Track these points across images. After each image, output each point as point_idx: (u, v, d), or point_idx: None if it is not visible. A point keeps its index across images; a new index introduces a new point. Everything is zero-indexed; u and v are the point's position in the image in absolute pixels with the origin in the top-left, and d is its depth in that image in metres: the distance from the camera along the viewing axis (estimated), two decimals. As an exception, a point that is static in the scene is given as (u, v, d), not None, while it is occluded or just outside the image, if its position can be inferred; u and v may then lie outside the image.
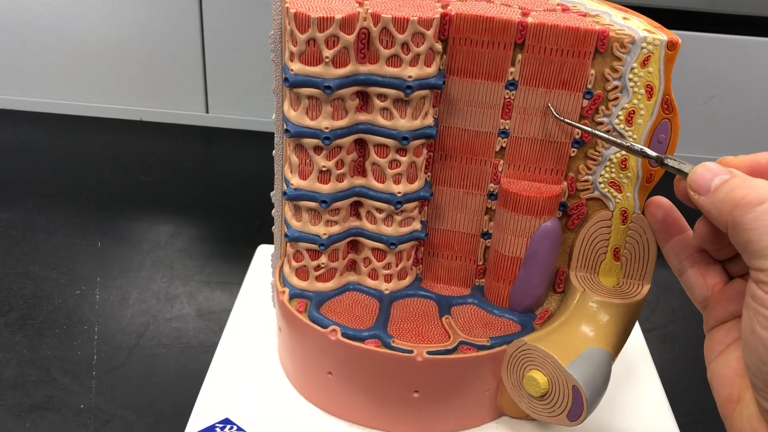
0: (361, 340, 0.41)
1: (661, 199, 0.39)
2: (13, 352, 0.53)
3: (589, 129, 0.38)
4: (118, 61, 0.90)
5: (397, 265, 0.44)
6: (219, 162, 0.87)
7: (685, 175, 0.33)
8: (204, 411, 0.44)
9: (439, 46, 0.38)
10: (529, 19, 0.38)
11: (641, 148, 0.36)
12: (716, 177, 0.31)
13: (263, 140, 0.89)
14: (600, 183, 0.41)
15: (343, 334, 0.41)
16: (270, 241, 0.56)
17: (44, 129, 0.90)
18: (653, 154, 0.36)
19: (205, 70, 0.90)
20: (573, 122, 0.39)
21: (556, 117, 0.39)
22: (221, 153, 0.88)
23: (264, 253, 0.59)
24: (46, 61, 0.90)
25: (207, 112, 0.92)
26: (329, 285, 0.44)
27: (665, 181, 0.41)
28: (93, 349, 0.54)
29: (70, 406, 0.49)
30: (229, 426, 0.43)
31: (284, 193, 0.42)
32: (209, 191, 0.79)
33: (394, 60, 0.38)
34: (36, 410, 0.49)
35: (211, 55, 0.89)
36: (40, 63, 0.90)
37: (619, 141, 0.37)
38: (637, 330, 0.53)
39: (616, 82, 0.39)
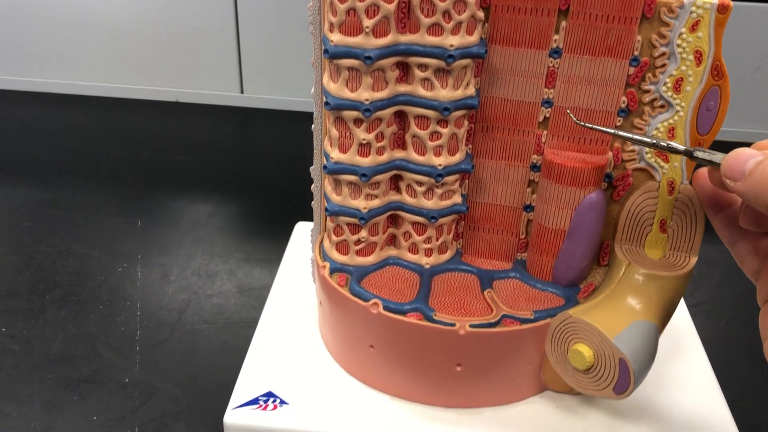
0: (403, 313, 0.41)
1: None
2: (59, 327, 0.54)
3: (612, 131, 0.37)
4: (153, 43, 0.91)
5: (437, 239, 0.44)
6: (254, 141, 0.87)
7: (717, 165, 0.33)
8: (247, 384, 0.44)
9: (481, 14, 0.37)
10: (574, -15, 0.37)
11: (668, 143, 0.36)
12: (750, 160, 0.30)
13: (297, 119, 0.89)
14: (646, 153, 0.40)
15: (385, 308, 0.41)
16: (307, 219, 0.56)
17: (83, 111, 0.91)
18: (681, 148, 0.35)
19: (239, 50, 0.90)
20: (594, 126, 0.38)
21: (577, 122, 0.38)
22: (257, 132, 0.89)
23: (302, 231, 0.59)
24: (83, 44, 0.91)
25: (242, 92, 0.93)
26: (369, 259, 0.44)
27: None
28: (136, 324, 0.55)
29: (115, 379, 0.50)
30: (272, 399, 0.43)
31: (324, 167, 0.42)
32: (246, 170, 0.79)
33: (435, 29, 0.37)
34: (83, 383, 0.50)
35: (245, 36, 0.89)
36: (78, 46, 0.92)
37: (644, 139, 0.37)
38: (681, 305, 0.52)
39: (663, 49, 0.37)
